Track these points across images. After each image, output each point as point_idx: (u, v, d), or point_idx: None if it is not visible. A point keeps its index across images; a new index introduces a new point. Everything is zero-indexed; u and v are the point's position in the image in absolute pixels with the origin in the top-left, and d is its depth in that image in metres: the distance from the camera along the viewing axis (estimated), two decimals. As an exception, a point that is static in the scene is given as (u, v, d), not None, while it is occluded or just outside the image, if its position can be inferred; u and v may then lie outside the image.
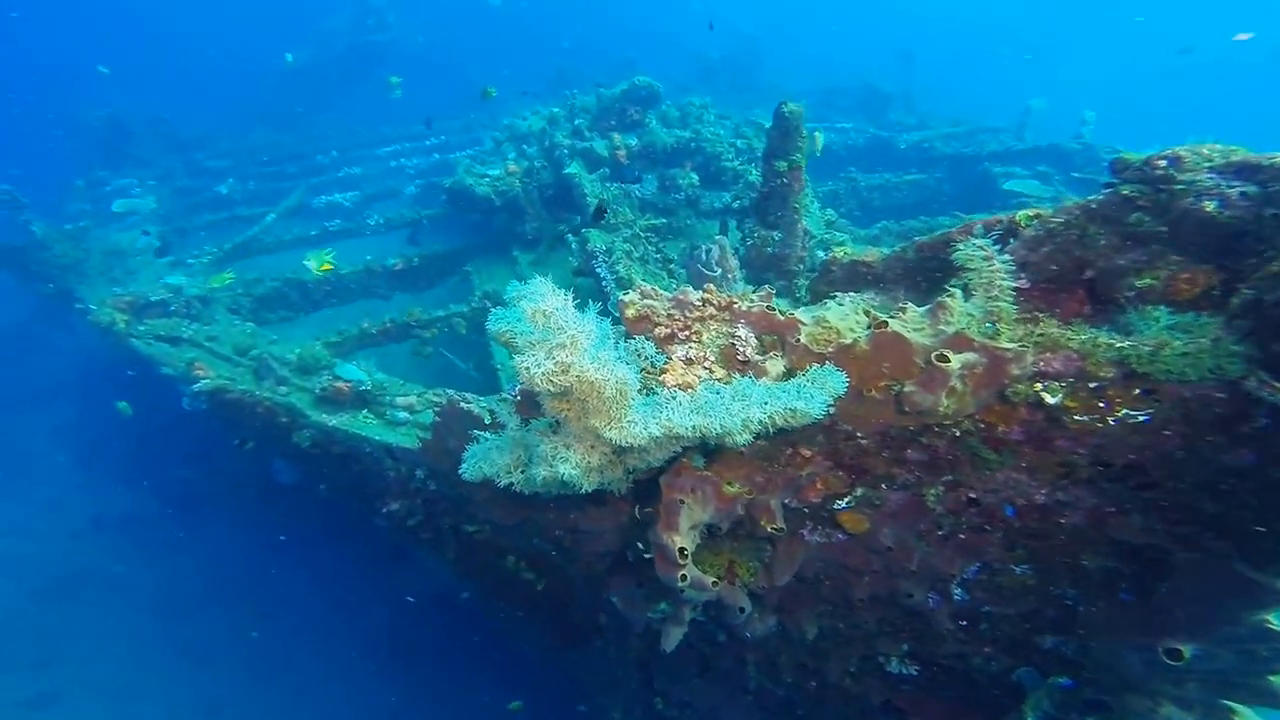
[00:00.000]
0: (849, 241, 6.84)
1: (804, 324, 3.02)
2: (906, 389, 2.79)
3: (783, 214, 5.11)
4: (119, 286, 7.84)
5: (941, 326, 2.74)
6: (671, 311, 3.25)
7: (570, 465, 2.92)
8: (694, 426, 2.61)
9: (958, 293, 2.80)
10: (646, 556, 3.67)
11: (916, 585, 3.46)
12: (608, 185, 7.61)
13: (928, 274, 3.78)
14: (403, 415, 5.58)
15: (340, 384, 5.64)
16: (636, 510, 4.03)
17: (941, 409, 2.72)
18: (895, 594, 3.55)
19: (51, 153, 15.25)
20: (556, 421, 3.00)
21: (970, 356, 2.60)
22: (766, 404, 2.74)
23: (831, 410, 2.76)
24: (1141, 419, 2.45)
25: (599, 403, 2.74)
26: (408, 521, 5.59)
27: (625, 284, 6.25)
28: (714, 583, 3.36)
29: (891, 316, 2.95)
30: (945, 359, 2.62)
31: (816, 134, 5.95)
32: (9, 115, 21.22)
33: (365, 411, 5.68)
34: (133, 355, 6.72)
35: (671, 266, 6.68)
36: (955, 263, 2.89)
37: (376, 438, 5.34)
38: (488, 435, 3.36)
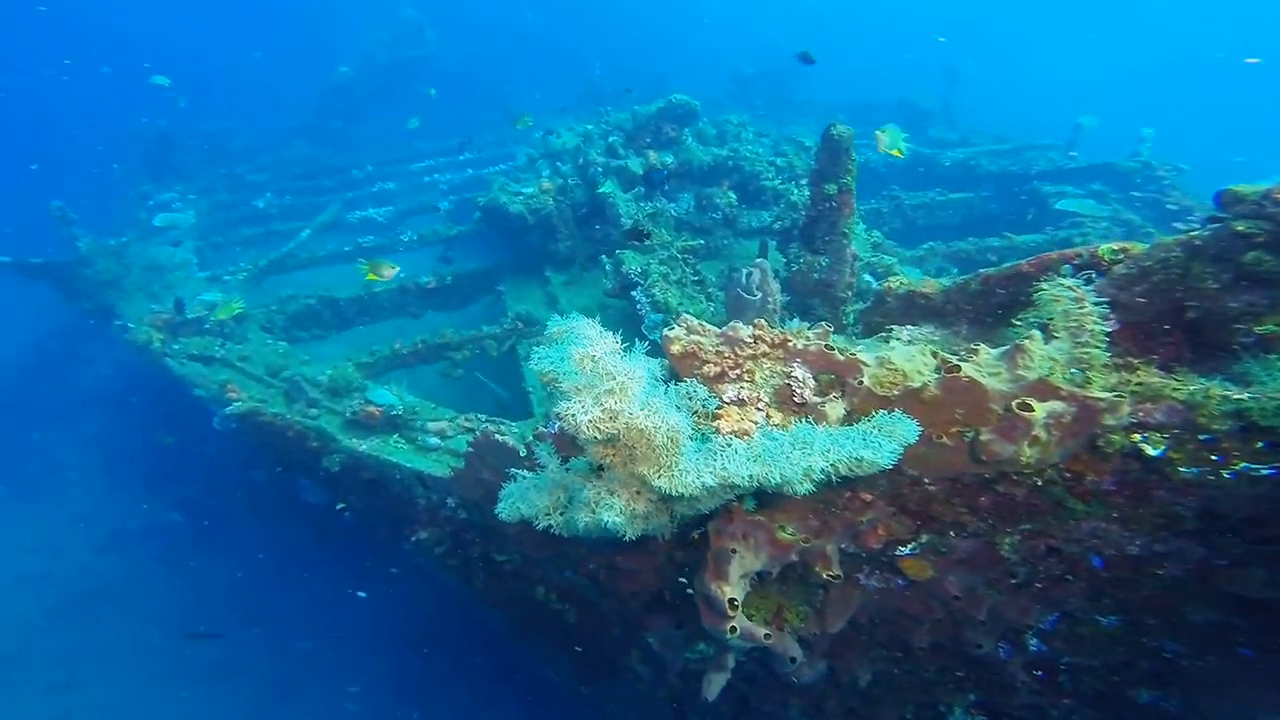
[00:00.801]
0: (897, 265, 6.58)
1: (867, 365, 2.81)
2: (983, 437, 2.58)
3: (830, 239, 4.89)
4: (156, 303, 7.87)
5: (1021, 371, 2.51)
6: (720, 348, 3.06)
7: (614, 513, 2.74)
8: (751, 476, 2.41)
9: (1036, 334, 2.57)
10: (688, 592, 3.50)
11: (986, 635, 3.25)
12: (642, 205, 7.46)
13: (993, 308, 3.55)
14: (434, 441, 5.44)
15: (371, 408, 5.53)
16: (677, 550, 3.84)
17: (1023, 459, 2.51)
18: (961, 642, 3.34)
19: (100, 166, 15.64)
20: (600, 465, 2.83)
21: (1057, 406, 2.38)
22: (830, 452, 2.54)
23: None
24: (1265, 473, 2.19)
25: (648, 450, 2.56)
26: (435, 549, 5.45)
27: (661, 308, 6.06)
28: (766, 635, 3.14)
29: (963, 359, 2.73)
30: (1028, 408, 2.40)
31: (888, 136, 5.73)
32: (61, 129, 21.86)
33: (396, 436, 5.56)
34: (166, 375, 6.71)
35: (710, 290, 6.47)
36: (1036, 301, 2.67)
37: (408, 465, 5.21)
38: (525, 474, 3.19)
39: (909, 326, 3.56)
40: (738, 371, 2.98)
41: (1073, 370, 2.42)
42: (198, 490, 10.21)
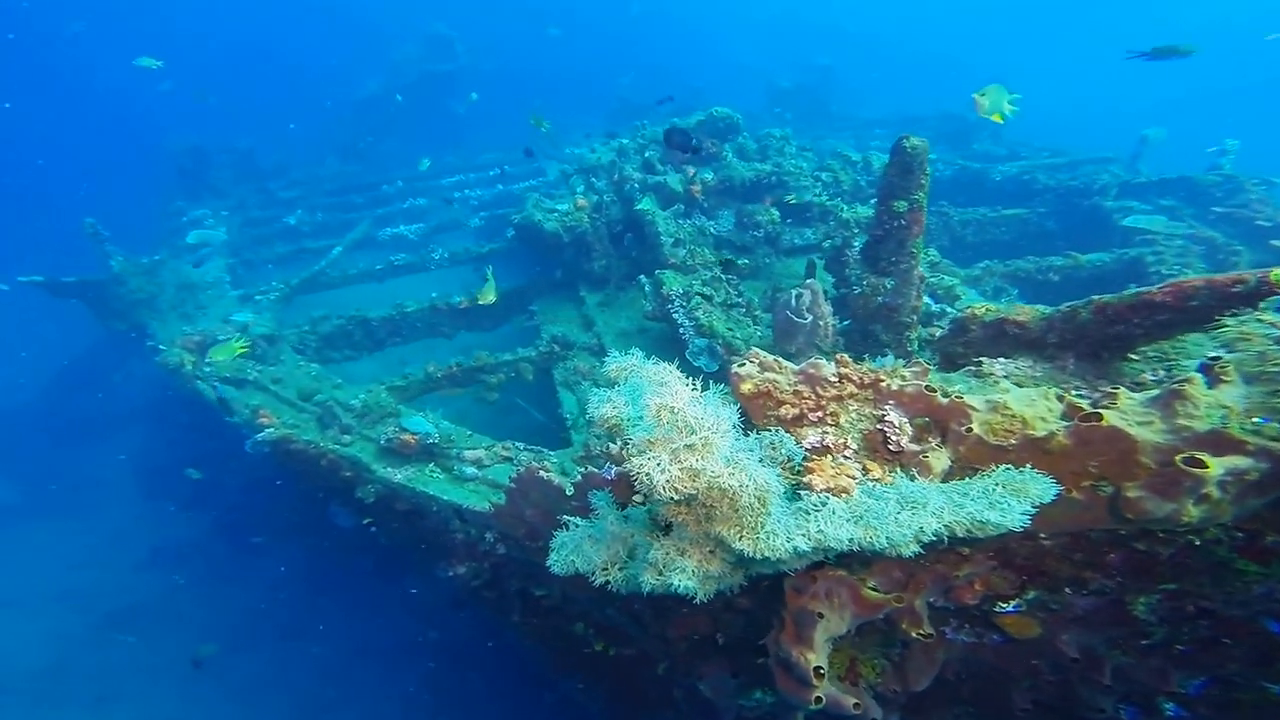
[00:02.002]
0: (958, 285, 6.20)
1: (976, 410, 2.46)
2: (1131, 494, 2.23)
3: (898, 259, 4.55)
4: (189, 324, 7.72)
5: (1182, 421, 2.15)
6: (799, 387, 2.73)
7: (686, 576, 2.43)
8: (852, 540, 2.09)
9: (1197, 377, 2.20)
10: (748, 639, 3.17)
11: (1108, 698, 2.92)
12: (681, 223, 7.16)
13: (1109, 341, 3.17)
14: (471, 471, 5.16)
15: (407, 436, 5.26)
16: (739, 596, 3.52)
17: (1185, 518, 2.16)
18: (1072, 703, 3.03)
19: (134, 182, 15.76)
20: (668, 521, 2.51)
21: (1240, 462, 2.01)
22: (945, 513, 2.21)
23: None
24: None
25: (730, 510, 2.24)
26: (471, 582, 5.16)
27: (706, 332, 5.74)
28: (855, 705, 2.80)
29: (1105, 406, 2.37)
30: (1199, 463, 2.03)
31: (990, 98, 5.24)
32: (95, 144, 22.14)
33: (431, 465, 5.28)
34: (197, 399, 6.52)
35: (756, 312, 6.15)
36: (1220, 338, 2.32)
37: (445, 497, 4.92)
38: (578, 522, 2.91)
39: (1000, 360, 3.21)
40: (819, 414, 2.65)
41: (1257, 419, 2.04)
42: (234, 508, 10.08)
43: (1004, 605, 2.79)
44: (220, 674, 8.38)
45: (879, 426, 2.48)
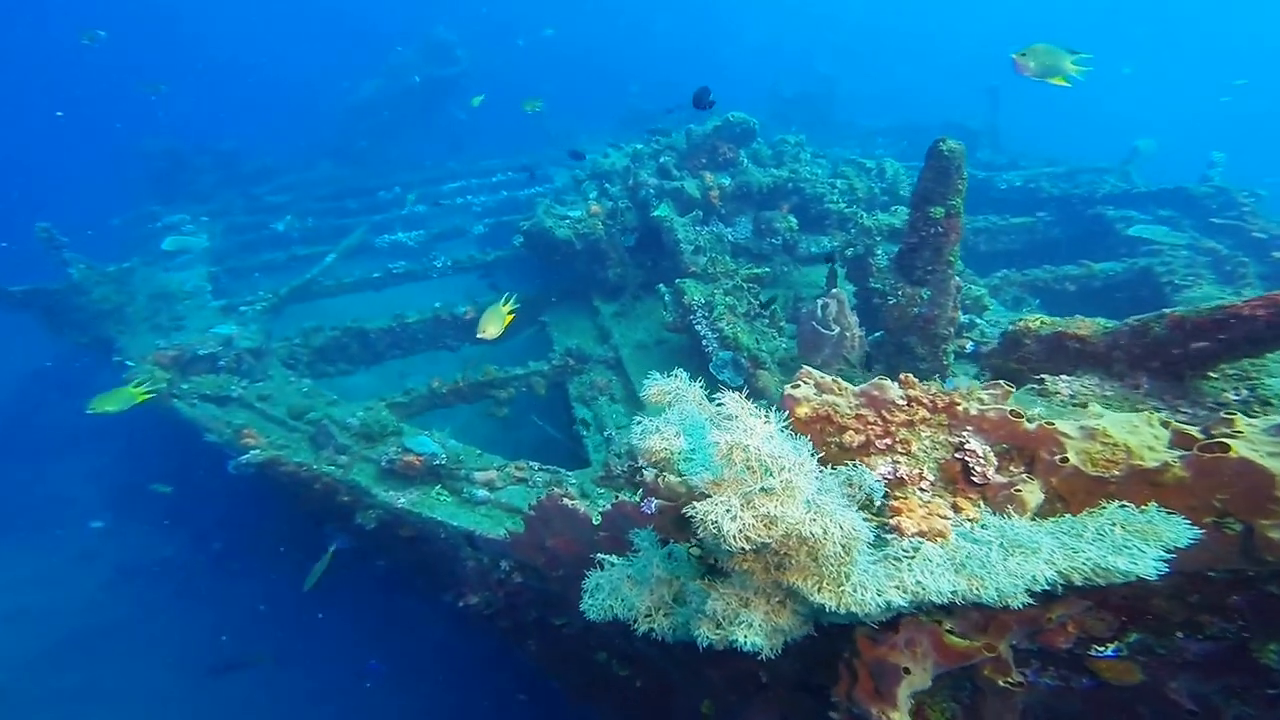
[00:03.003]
0: (986, 295, 5.97)
1: (1069, 437, 2.20)
2: (1272, 534, 1.97)
3: (934, 268, 4.31)
4: (162, 338, 7.21)
5: (1330, 454, 1.90)
6: (861, 411, 2.46)
7: (752, 631, 2.16)
8: (955, 592, 1.82)
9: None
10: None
11: None
12: (700, 229, 6.91)
13: (1187, 359, 2.93)
14: (481, 494, 4.83)
15: (411, 457, 4.93)
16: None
17: None
18: None
19: (100, 186, 15.14)
20: (728, 568, 2.23)
21: None
22: (1059, 559, 1.95)
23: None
24: None
25: (808, 559, 1.96)
26: (484, 611, 4.83)
27: (730, 344, 5.47)
28: (938, 767, 2.51)
29: (1224, 434, 2.12)
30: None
31: (1038, 58, 4.46)
32: (53, 147, 21.25)
33: (438, 488, 4.95)
34: (174, 419, 6.12)
35: (782, 323, 5.88)
36: None
37: (455, 523, 4.59)
38: (614, 561, 2.64)
39: (1064, 377, 2.97)
40: (888, 441, 2.38)
41: None
42: (216, 524, 9.60)
43: (1100, 649, 2.54)
44: (196, 700, 7.89)
45: (959, 456, 2.24)
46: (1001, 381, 2.66)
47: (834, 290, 5.73)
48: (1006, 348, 3.56)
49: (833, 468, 2.18)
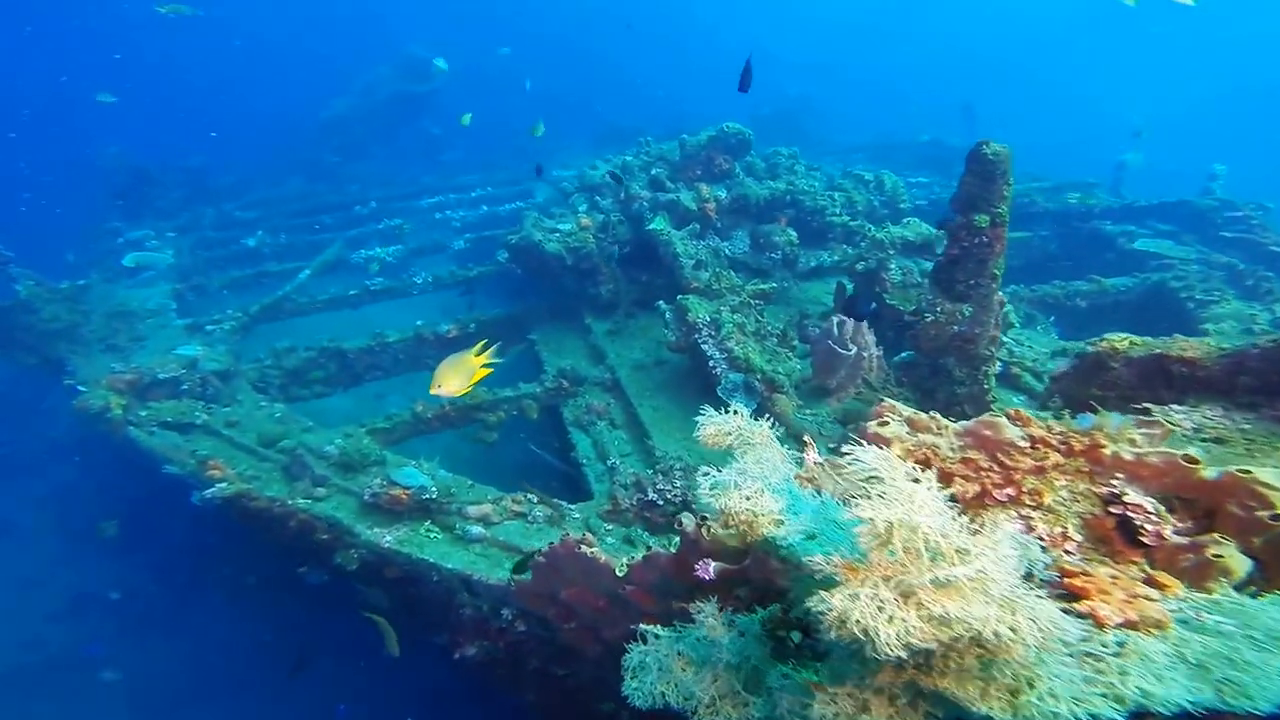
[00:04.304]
0: (1011, 313, 5.72)
1: (1273, 488, 1.80)
2: None
3: (977, 282, 4.02)
4: (119, 359, 6.61)
5: None
6: (971, 454, 2.05)
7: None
8: (1196, 703, 1.39)
9: None
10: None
11: None
12: (698, 244, 6.58)
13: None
14: (476, 530, 4.38)
15: (397, 491, 4.46)
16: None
17: None
18: None
19: (57, 202, 14.34)
20: (824, 645, 1.82)
21: None
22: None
23: None
24: None
25: (974, 663, 1.50)
26: (481, 661, 4.36)
27: (741, 366, 5.12)
28: None
29: None
30: None
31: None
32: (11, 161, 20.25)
33: (428, 524, 4.49)
34: (131, 449, 5.55)
35: (795, 342, 5.56)
36: None
37: (448, 565, 4.13)
38: (661, 634, 2.16)
39: (1174, 407, 2.62)
40: (1012, 491, 1.98)
41: None
42: (177, 554, 8.87)
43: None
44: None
45: (1117, 510, 1.83)
46: (1159, 417, 2.28)
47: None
48: (1085, 372, 3.18)
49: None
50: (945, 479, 2.00)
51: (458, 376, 3.72)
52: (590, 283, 6.76)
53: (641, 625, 2.24)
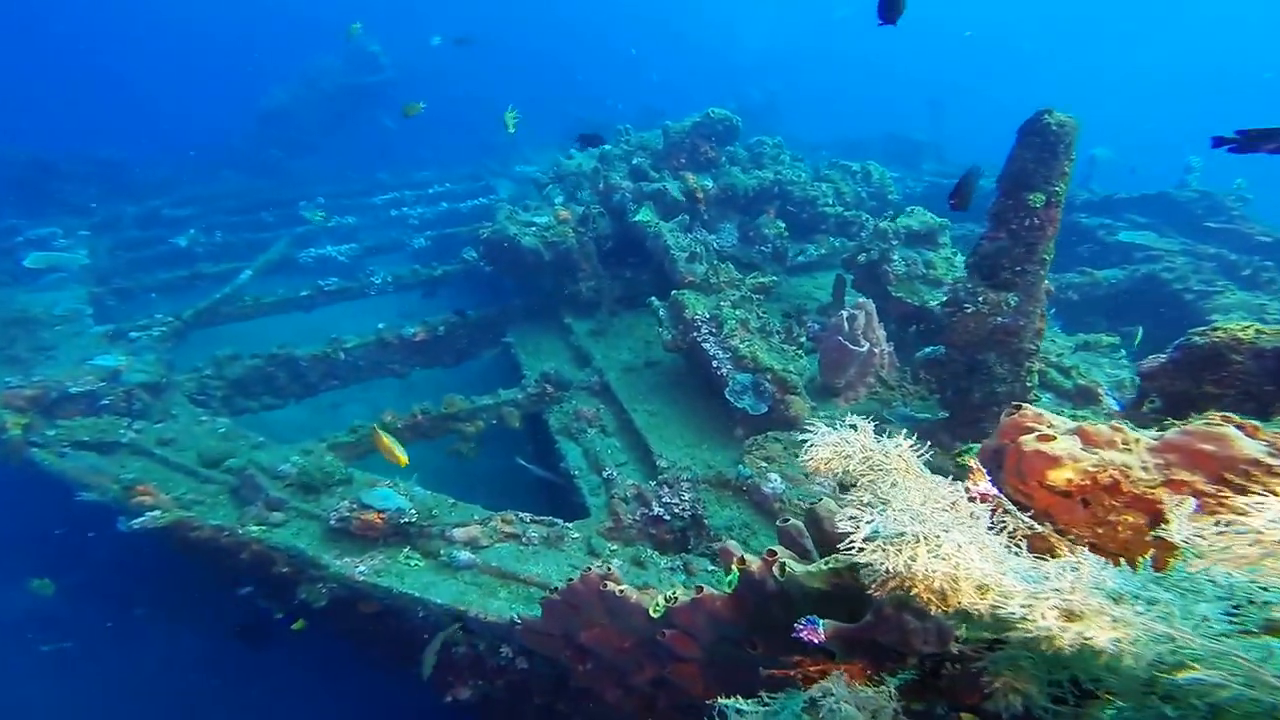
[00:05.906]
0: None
1: None
2: None
3: (1024, 268, 3.68)
4: (17, 371, 5.66)
5: None
6: (1182, 476, 1.61)
7: None
8: None
9: None
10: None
11: None
12: (689, 236, 6.16)
13: None
14: (464, 556, 3.82)
15: (370, 514, 3.86)
16: None
17: None
18: None
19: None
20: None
21: None
22: None
23: None
24: None
25: None
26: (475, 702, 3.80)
27: (749, 365, 4.70)
28: None
29: None
30: None
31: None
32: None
33: (407, 550, 3.90)
34: (34, 474, 4.74)
35: (802, 339, 5.17)
36: None
37: (437, 599, 3.56)
38: (746, 709, 1.81)
39: None
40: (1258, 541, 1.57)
41: None
42: (112, 569, 7.86)
43: None
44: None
45: None
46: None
47: (861, 300, 5.09)
48: (1193, 366, 2.76)
49: (1129, 568, 1.37)
50: (1147, 511, 1.59)
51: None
52: (570, 279, 6.26)
53: (720, 700, 1.79)
